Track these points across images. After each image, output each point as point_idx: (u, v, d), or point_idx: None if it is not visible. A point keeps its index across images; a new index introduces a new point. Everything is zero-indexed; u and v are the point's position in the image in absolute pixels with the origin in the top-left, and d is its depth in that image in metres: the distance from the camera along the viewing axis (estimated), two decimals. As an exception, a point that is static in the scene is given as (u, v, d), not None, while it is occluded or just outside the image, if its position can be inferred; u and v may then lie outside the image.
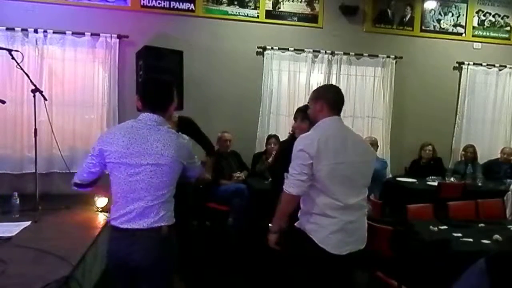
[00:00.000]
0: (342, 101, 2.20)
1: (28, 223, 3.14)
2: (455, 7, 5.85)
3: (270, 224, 2.20)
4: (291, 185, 2.04)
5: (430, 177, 4.95)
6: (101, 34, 4.71)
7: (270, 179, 4.53)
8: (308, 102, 2.30)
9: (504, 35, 6.01)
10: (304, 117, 2.88)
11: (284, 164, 2.36)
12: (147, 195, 1.83)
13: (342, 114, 2.22)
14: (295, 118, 3.07)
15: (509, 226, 3.27)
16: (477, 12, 5.91)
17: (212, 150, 3.78)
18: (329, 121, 2.12)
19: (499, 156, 5.51)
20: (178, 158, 1.89)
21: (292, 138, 3.25)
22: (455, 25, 5.86)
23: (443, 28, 5.82)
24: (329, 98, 2.14)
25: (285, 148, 3.39)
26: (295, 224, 2.19)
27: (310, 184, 2.04)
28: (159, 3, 4.94)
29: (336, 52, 5.41)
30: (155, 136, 1.86)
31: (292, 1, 5.31)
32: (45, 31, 4.57)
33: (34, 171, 3.76)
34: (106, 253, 1.96)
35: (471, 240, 2.86)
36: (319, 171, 2.00)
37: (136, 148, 1.83)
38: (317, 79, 5.45)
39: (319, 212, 2.06)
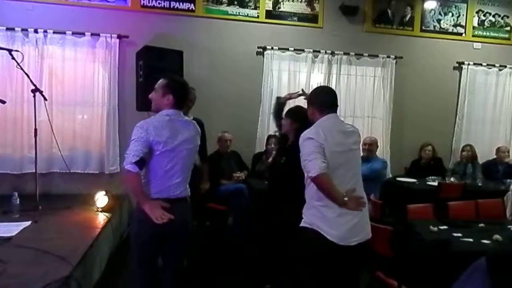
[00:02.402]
0: (331, 100, 2.35)
1: (28, 223, 3.15)
2: (455, 7, 5.85)
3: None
4: (310, 168, 2.10)
5: (430, 177, 4.95)
6: (101, 34, 4.71)
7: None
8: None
9: (504, 35, 6.01)
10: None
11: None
12: (183, 173, 2.30)
13: (342, 114, 2.32)
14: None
15: (509, 226, 3.27)
16: (477, 12, 5.91)
17: (206, 157, 3.91)
18: (326, 120, 2.30)
19: (496, 156, 5.51)
20: (198, 141, 2.42)
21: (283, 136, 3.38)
22: (455, 25, 5.86)
23: (443, 28, 5.82)
24: (317, 103, 2.35)
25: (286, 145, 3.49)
26: (300, 225, 2.25)
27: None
28: (159, 3, 4.94)
29: (336, 52, 5.41)
30: (186, 127, 2.33)
31: (292, 1, 5.31)
32: (45, 31, 4.57)
33: (34, 171, 3.76)
34: (140, 223, 2.22)
35: (471, 240, 2.86)
36: (328, 157, 2.13)
37: (177, 138, 2.25)
38: (317, 79, 5.45)
39: (324, 203, 2.15)
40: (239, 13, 5.17)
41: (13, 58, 3.54)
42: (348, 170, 2.23)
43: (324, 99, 2.35)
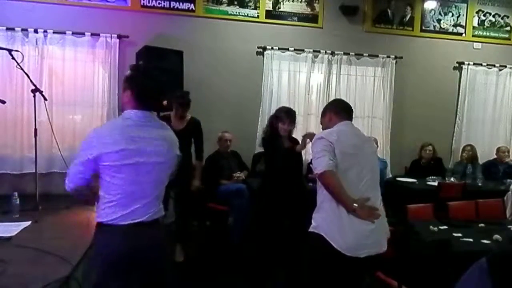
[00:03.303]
0: (347, 106, 2.37)
1: (28, 223, 3.14)
2: (455, 7, 5.86)
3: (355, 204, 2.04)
4: (317, 165, 2.06)
5: (430, 177, 4.95)
6: (101, 34, 4.71)
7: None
8: (320, 122, 2.48)
9: (504, 35, 6.01)
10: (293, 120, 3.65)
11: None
12: (152, 193, 1.84)
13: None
14: (281, 118, 3.63)
15: (509, 226, 3.27)
16: (477, 12, 5.91)
17: (201, 155, 3.96)
18: (341, 125, 2.26)
19: (496, 156, 5.51)
20: (174, 152, 1.94)
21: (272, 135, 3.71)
22: (455, 25, 5.86)
23: (443, 28, 5.82)
24: (332, 106, 2.36)
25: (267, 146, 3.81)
26: (309, 229, 2.16)
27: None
28: (159, 3, 4.94)
29: (336, 52, 5.41)
30: (154, 134, 1.83)
31: (292, 1, 5.31)
32: (45, 31, 4.57)
33: (34, 171, 3.76)
34: (102, 253, 1.80)
35: (471, 240, 2.86)
36: (337, 158, 2.08)
37: (136, 148, 1.76)
38: (317, 79, 5.45)
39: (333, 207, 2.06)
40: (239, 13, 5.17)
41: (13, 58, 3.53)
42: (360, 173, 2.12)
43: (341, 105, 2.39)
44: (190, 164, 3.85)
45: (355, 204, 1.99)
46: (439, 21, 5.81)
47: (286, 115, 3.64)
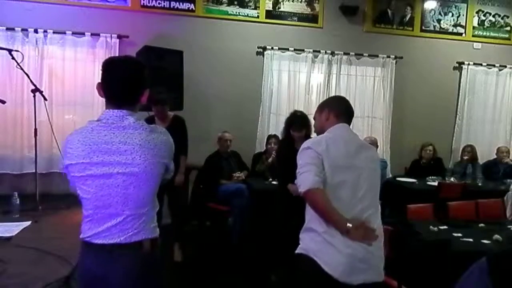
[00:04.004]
0: (349, 110, 2.07)
1: (28, 223, 3.14)
2: (455, 7, 5.85)
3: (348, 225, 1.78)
4: (301, 182, 1.79)
5: (430, 177, 4.95)
6: (101, 34, 4.71)
7: (270, 179, 4.55)
8: (313, 117, 2.16)
9: (504, 35, 6.01)
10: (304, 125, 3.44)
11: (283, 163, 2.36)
12: (125, 209, 1.50)
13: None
14: (292, 122, 3.44)
15: (509, 226, 3.27)
16: (477, 12, 5.91)
17: (186, 150, 3.86)
18: (336, 128, 1.97)
19: (496, 156, 5.50)
20: (157, 159, 1.53)
21: (287, 138, 3.54)
22: (455, 25, 5.86)
23: (443, 28, 5.82)
24: (335, 106, 2.03)
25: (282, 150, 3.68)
26: (297, 251, 1.87)
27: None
28: (159, 3, 4.94)
29: (336, 52, 5.41)
30: (122, 138, 1.48)
31: (292, 1, 5.31)
32: (45, 31, 4.57)
33: (34, 171, 3.76)
34: (79, 272, 1.65)
35: (471, 240, 2.86)
36: (326, 172, 1.80)
37: (101, 157, 1.47)
38: (317, 79, 5.45)
39: (324, 228, 1.78)
40: (239, 13, 5.17)
41: (13, 58, 3.54)
42: (354, 190, 1.82)
43: (344, 107, 2.05)
44: (177, 162, 3.79)
45: (348, 224, 1.71)
46: (439, 21, 5.81)
47: (297, 122, 3.48)
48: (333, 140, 1.89)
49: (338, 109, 2.03)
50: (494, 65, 5.91)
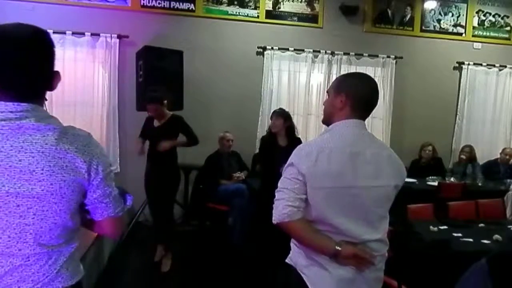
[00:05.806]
0: (372, 100, 1.64)
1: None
2: (455, 7, 5.85)
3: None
4: (274, 211, 1.46)
5: (430, 177, 4.95)
6: (101, 34, 4.71)
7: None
8: (327, 91, 1.68)
9: (504, 35, 6.01)
10: (278, 115, 3.79)
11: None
12: (22, 247, 1.04)
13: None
14: (271, 117, 3.81)
15: (509, 226, 3.27)
16: (477, 12, 5.90)
17: (195, 139, 3.65)
18: (344, 127, 1.51)
19: (499, 156, 5.49)
20: (71, 176, 1.06)
21: (270, 135, 3.87)
22: (455, 25, 5.86)
23: (443, 28, 5.82)
24: (355, 92, 1.54)
25: (262, 145, 4.01)
26: (287, 260, 1.60)
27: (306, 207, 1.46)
28: (159, 3, 4.94)
29: (336, 52, 5.41)
30: (16, 143, 1.01)
31: (292, 1, 5.31)
32: (45, 31, 4.56)
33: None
34: None
35: (471, 240, 2.86)
36: (314, 195, 1.43)
37: None
38: (317, 79, 5.45)
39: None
40: (239, 13, 5.17)
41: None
42: (358, 223, 1.46)
43: (367, 92, 1.60)
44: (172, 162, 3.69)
45: (337, 247, 1.40)
46: (439, 21, 5.81)
47: (274, 112, 3.91)
48: (331, 150, 1.43)
49: (359, 97, 1.55)
50: (494, 65, 5.91)
